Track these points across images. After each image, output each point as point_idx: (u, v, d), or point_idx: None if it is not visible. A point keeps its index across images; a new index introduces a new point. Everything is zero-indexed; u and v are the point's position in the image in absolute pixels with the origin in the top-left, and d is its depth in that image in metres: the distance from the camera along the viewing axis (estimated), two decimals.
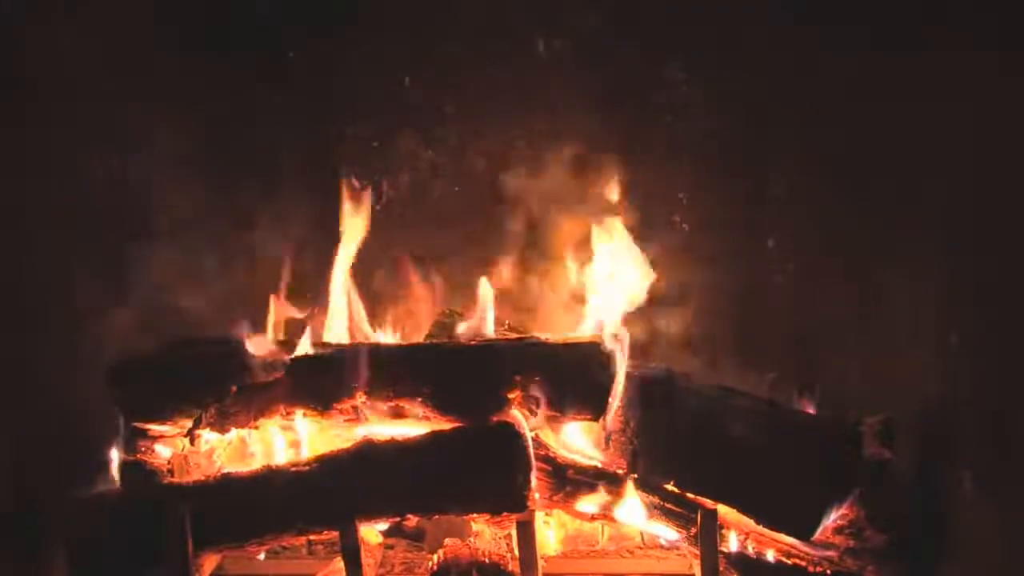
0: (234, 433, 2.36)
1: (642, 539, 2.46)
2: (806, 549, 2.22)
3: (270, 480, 2.17)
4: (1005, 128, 2.29)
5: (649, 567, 2.39)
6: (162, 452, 2.35)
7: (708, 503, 2.22)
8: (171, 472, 2.27)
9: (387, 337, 2.59)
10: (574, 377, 2.23)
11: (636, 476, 2.28)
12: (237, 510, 2.16)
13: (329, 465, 2.17)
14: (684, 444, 2.26)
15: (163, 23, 2.74)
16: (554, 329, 2.58)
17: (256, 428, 2.33)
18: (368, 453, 2.18)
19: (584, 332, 2.42)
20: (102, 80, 2.71)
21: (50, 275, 2.70)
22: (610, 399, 2.26)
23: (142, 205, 2.75)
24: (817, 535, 2.17)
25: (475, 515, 2.20)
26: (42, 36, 2.69)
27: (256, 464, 2.33)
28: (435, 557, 2.25)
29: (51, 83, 2.70)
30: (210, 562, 2.28)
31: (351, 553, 2.14)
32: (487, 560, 2.21)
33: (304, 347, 2.35)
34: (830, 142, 2.67)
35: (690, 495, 2.25)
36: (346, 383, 2.24)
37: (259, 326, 2.44)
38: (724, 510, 2.22)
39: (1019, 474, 2.21)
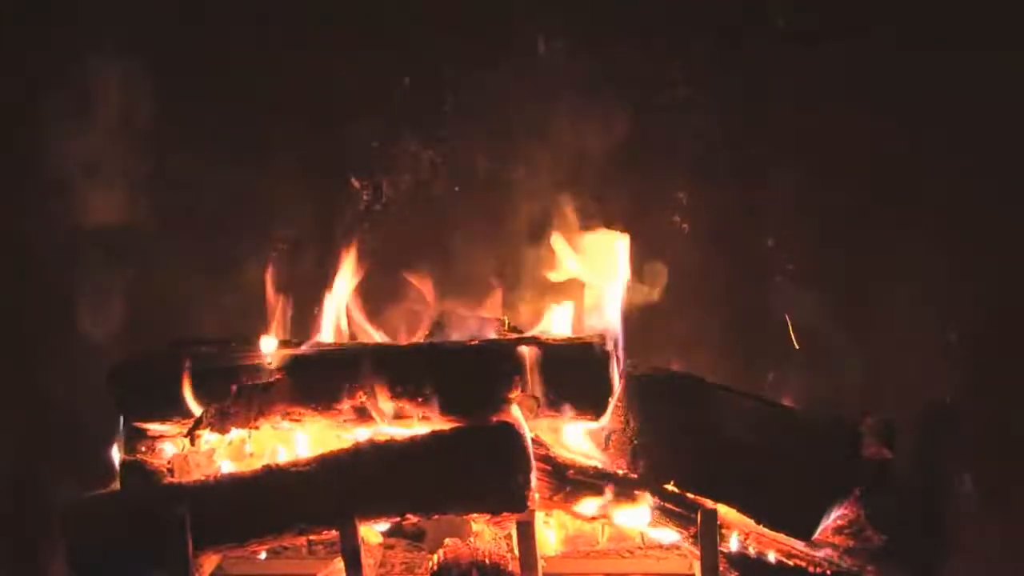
0: (234, 433, 2.35)
1: (642, 539, 2.45)
2: (806, 549, 2.22)
3: (270, 480, 2.17)
4: (1005, 128, 2.30)
5: (649, 567, 2.38)
6: (163, 452, 2.35)
7: (708, 503, 2.21)
8: (171, 472, 2.27)
9: (387, 337, 2.59)
10: (574, 377, 2.23)
11: (636, 476, 2.28)
12: (237, 510, 2.16)
13: (329, 465, 2.17)
14: (684, 444, 2.26)
15: (161, 21, 2.74)
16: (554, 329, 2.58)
17: (256, 428, 2.32)
18: (368, 453, 2.17)
19: (584, 332, 2.42)
20: (99, 79, 2.72)
21: (50, 275, 2.70)
22: (610, 399, 2.26)
23: (142, 205, 2.75)
24: (817, 535, 2.17)
25: (475, 515, 2.20)
26: (41, 35, 2.69)
27: (256, 464, 2.33)
28: (435, 557, 2.25)
29: (48, 82, 2.70)
30: (210, 562, 2.28)
31: (351, 553, 2.14)
32: (487, 560, 2.21)
33: (306, 347, 2.35)
34: (830, 142, 2.67)
35: (690, 495, 2.25)
36: (346, 383, 2.24)
37: (260, 326, 2.44)
38: (724, 510, 2.22)
39: (1019, 474, 2.21)
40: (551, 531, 2.48)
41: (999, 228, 2.44)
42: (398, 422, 2.27)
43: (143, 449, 2.33)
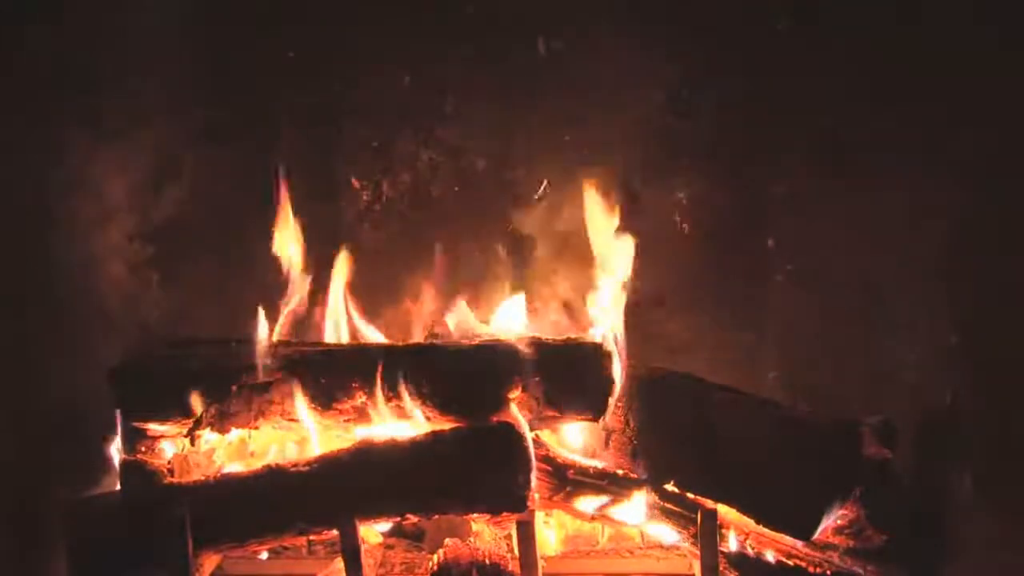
0: (234, 433, 2.35)
1: (642, 539, 2.46)
2: (806, 549, 2.22)
3: (270, 480, 2.17)
4: (1005, 128, 2.30)
5: (649, 567, 2.38)
6: (163, 452, 2.35)
7: (708, 503, 2.21)
8: (171, 472, 2.27)
9: (387, 337, 2.59)
10: (574, 377, 2.23)
11: (636, 476, 2.28)
12: (237, 510, 2.16)
13: (329, 465, 2.17)
14: (684, 444, 2.26)
15: (164, 21, 2.74)
16: (555, 330, 2.59)
17: (256, 428, 2.33)
18: (368, 453, 2.17)
19: (584, 332, 2.42)
20: (98, 78, 2.72)
21: (50, 275, 2.70)
22: (610, 399, 2.26)
23: (142, 205, 2.75)
24: (817, 535, 2.17)
25: (475, 515, 2.20)
26: (42, 36, 2.70)
27: (256, 464, 2.33)
28: (435, 557, 2.25)
29: (50, 83, 2.71)
30: (210, 562, 2.28)
31: (351, 553, 2.14)
32: (487, 560, 2.21)
33: (306, 347, 2.35)
34: (831, 141, 2.67)
35: (690, 495, 2.25)
36: (346, 383, 2.24)
37: (259, 326, 2.44)
38: (724, 510, 2.22)
39: (1019, 474, 2.21)
40: (551, 531, 2.48)
41: (999, 227, 2.44)
42: (398, 422, 2.27)
43: (143, 449, 2.33)
